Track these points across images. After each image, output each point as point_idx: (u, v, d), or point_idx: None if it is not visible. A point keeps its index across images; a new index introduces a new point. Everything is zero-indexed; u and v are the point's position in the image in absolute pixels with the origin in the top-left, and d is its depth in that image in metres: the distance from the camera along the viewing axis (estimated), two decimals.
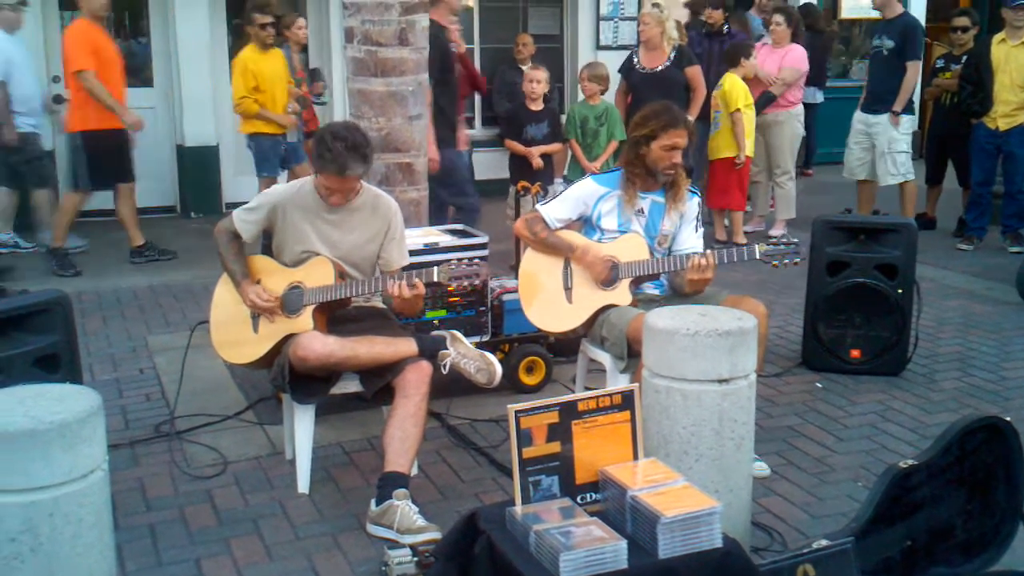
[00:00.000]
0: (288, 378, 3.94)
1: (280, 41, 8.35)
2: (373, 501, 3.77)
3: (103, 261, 7.95)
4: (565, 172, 7.99)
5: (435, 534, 3.55)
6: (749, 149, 8.23)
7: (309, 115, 8.75)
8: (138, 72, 9.67)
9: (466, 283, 3.96)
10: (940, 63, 9.06)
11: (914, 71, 8.18)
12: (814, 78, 9.90)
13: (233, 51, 9.71)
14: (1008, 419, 3.38)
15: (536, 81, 7.58)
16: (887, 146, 8.32)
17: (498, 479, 4.23)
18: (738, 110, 8.09)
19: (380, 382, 3.94)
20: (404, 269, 4.17)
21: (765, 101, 8.52)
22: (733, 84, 8.13)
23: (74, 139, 7.68)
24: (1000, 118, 8.04)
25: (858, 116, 8.55)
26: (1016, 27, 7.96)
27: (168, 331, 6.21)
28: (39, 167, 8.11)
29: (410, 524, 3.61)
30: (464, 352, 4.01)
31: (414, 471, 4.21)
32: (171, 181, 9.72)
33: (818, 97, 10.63)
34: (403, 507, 3.65)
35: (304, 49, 9.15)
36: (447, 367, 3.99)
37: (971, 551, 3.34)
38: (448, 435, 4.66)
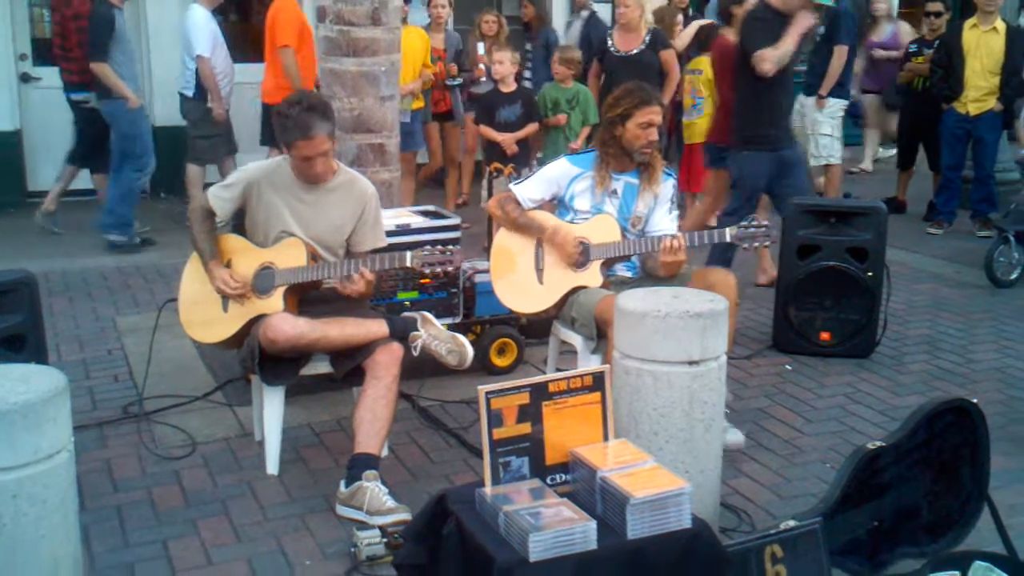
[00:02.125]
0: (258, 359, 3.91)
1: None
2: (343, 482, 3.76)
3: (71, 241, 7.86)
4: (539, 154, 7.96)
5: (405, 515, 3.54)
6: None
7: (439, 96, 8.46)
8: None
9: (439, 269, 3.94)
10: (913, 48, 9.10)
11: (839, 54, 8.21)
12: None
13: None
14: (975, 401, 3.41)
15: (498, 63, 7.56)
16: (811, 128, 8.44)
17: (468, 460, 4.23)
18: None
19: (350, 363, 3.92)
20: (377, 250, 4.14)
21: None
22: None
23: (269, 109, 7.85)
24: (970, 103, 8.09)
25: (800, 100, 8.61)
26: (987, 12, 8.00)
27: (137, 312, 6.16)
28: (213, 143, 8.14)
29: (379, 505, 3.60)
30: (435, 334, 4.00)
31: (384, 452, 4.19)
32: None
33: None
34: (373, 488, 3.64)
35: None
36: (418, 349, 3.98)
37: (937, 531, 3.38)
38: (418, 416, 4.65)
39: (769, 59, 5.79)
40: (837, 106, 8.43)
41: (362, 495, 3.64)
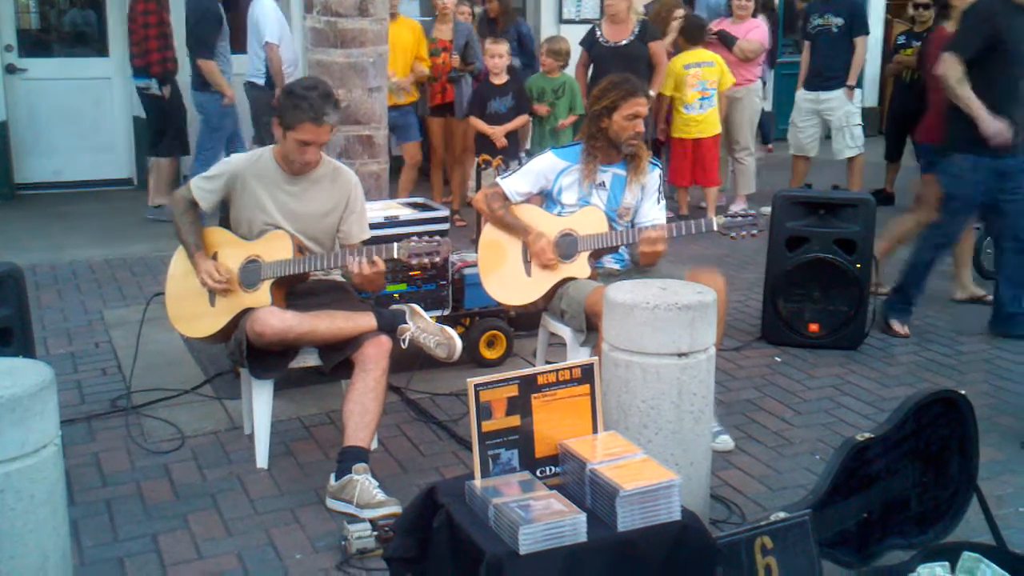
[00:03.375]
0: (245, 353, 3.90)
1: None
2: (332, 475, 3.75)
3: (59, 234, 7.82)
4: (527, 146, 7.95)
5: (395, 508, 3.54)
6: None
7: (437, 88, 8.16)
8: (94, 42, 9.52)
9: (426, 260, 3.93)
10: (901, 40, 9.10)
11: (864, 46, 8.36)
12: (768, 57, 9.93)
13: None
14: (963, 392, 3.42)
15: (498, 55, 7.52)
16: (845, 120, 8.42)
17: (458, 453, 4.23)
18: (727, 90, 8.24)
19: (339, 356, 3.91)
20: (365, 243, 4.13)
21: None
22: (724, 65, 8.20)
23: None
24: None
25: (804, 95, 8.57)
26: None
27: (125, 305, 6.13)
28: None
29: (369, 498, 3.60)
30: (424, 327, 3.99)
31: (374, 445, 4.20)
32: (127, 153, 9.54)
33: (768, 75, 10.67)
34: (363, 481, 3.64)
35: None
36: (406, 342, 3.97)
37: (925, 522, 3.39)
38: (408, 409, 4.65)
39: (949, 68, 5.24)
40: (858, 96, 8.52)
41: (352, 488, 3.64)
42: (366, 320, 3.92)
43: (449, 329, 3.98)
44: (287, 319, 3.84)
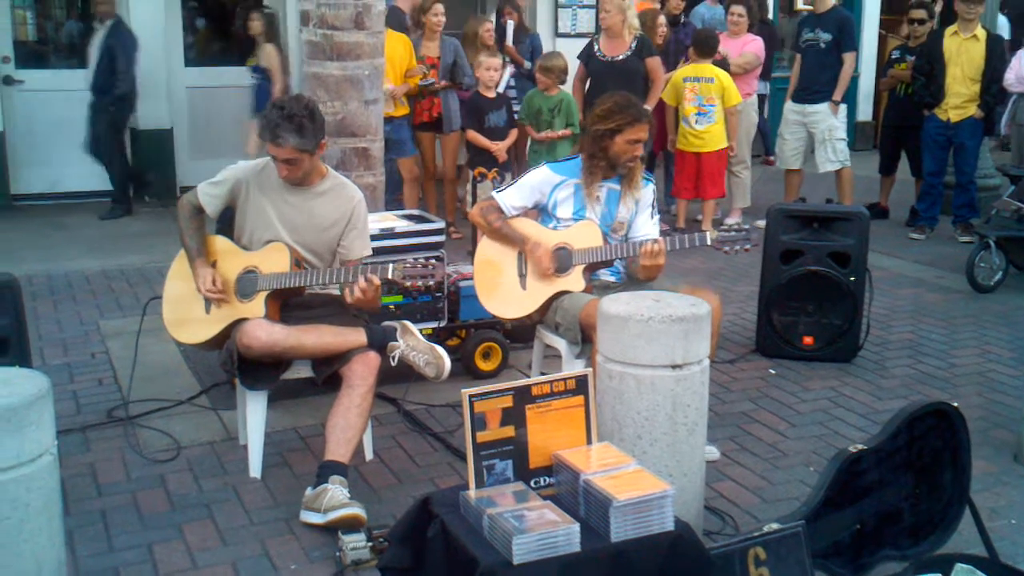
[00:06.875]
0: (237, 364, 3.91)
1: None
2: (309, 488, 3.74)
3: (56, 244, 7.83)
4: (526, 159, 7.96)
5: (356, 511, 3.55)
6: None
7: (426, 105, 8.03)
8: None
9: (420, 283, 3.93)
10: (896, 54, 9.16)
11: (851, 62, 8.42)
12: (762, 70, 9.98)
13: (188, 32, 9.58)
14: (955, 405, 3.44)
15: (493, 69, 7.55)
16: (827, 133, 8.46)
17: (453, 464, 4.23)
18: (734, 106, 8.20)
19: (329, 370, 3.93)
20: (365, 261, 4.13)
21: None
22: (730, 80, 8.19)
23: None
24: (951, 110, 8.15)
25: (792, 107, 8.63)
26: (967, 20, 8.07)
27: (121, 315, 6.14)
28: None
29: (335, 503, 3.59)
30: (414, 345, 3.99)
31: (369, 456, 4.21)
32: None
33: (765, 88, 10.73)
34: (334, 490, 3.63)
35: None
36: (396, 359, 3.97)
37: (919, 534, 3.40)
38: (404, 420, 4.65)
39: None
40: (844, 110, 8.56)
41: (323, 496, 3.63)
42: (356, 336, 3.93)
43: (439, 348, 3.98)
44: (274, 333, 3.85)
